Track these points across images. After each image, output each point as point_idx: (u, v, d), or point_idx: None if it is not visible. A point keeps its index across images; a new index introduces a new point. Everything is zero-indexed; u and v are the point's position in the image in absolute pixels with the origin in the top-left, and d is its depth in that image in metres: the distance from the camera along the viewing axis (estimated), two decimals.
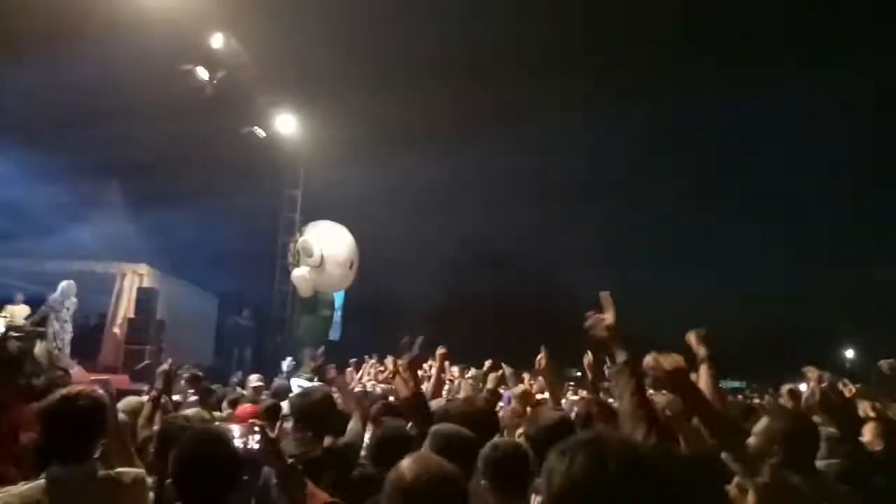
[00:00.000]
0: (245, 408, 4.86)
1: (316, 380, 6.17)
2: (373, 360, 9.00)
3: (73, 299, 11.10)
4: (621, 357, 2.08)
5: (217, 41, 10.43)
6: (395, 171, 16.49)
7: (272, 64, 12.05)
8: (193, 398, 5.12)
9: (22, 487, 2.11)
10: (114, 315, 13.13)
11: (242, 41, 11.03)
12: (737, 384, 24.93)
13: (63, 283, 11.05)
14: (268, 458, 2.21)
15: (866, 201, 31.81)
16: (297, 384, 6.64)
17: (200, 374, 6.08)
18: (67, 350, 11.08)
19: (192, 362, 11.27)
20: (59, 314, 10.86)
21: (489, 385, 4.58)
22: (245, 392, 6.56)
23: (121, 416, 3.23)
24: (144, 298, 12.59)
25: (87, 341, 13.68)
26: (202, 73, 10.61)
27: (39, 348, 9.09)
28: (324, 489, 2.34)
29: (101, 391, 2.40)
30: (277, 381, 6.93)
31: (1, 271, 12.67)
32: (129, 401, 4.02)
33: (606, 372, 2.21)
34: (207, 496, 1.99)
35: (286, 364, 11.47)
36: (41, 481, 2.12)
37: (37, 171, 13.23)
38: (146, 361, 11.07)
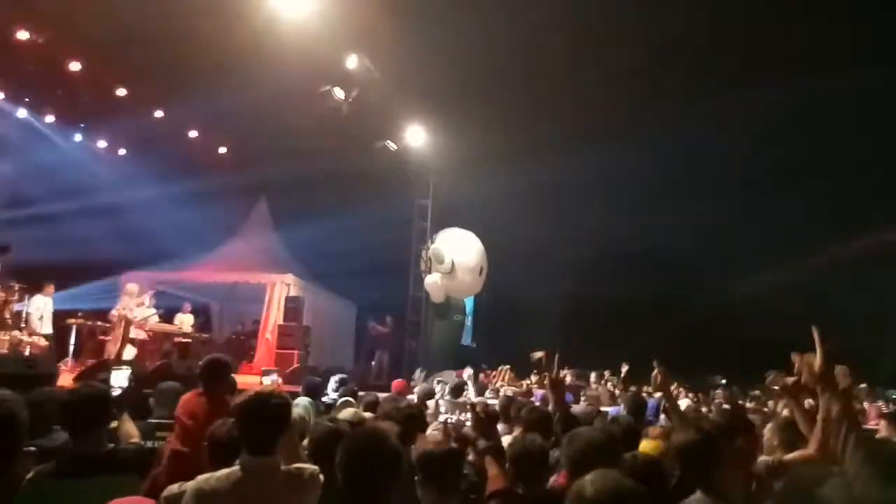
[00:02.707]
0: None
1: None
2: (507, 367, 9.06)
3: (139, 299, 11.22)
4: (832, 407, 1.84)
5: (352, 62, 10.96)
6: (523, 176, 16.45)
7: (401, 79, 12.47)
8: (343, 400, 5.43)
9: (219, 472, 2.34)
10: (265, 322, 14.16)
11: (373, 59, 11.52)
12: None
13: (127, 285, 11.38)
14: (479, 430, 2.34)
15: None
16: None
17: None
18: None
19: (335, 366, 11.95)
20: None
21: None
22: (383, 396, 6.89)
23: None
24: (292, 306, 13.43)
25: (244, 346, 14.95)
26: (338, 94, 11.16)
27: None
28: None
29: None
30: (423, 386, 7.24)
31: (171, 284, 14.12)
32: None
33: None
34: (372, 490, 2.10)
35: (417, 374, 11.80)
36: (235, 468, 2.35)
37: (197, 193, 14.69)
38: (296, 365, 11.85)
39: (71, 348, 10.63)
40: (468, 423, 4.28)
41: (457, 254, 13.54)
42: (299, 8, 9.38)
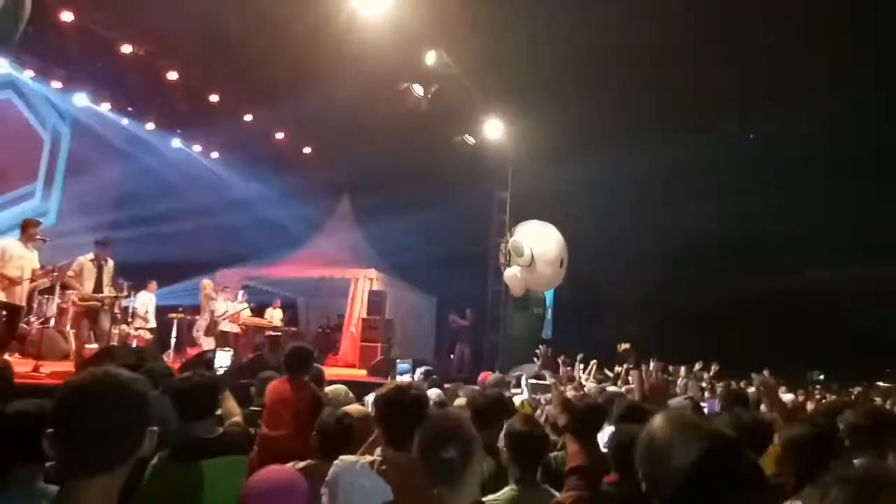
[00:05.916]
0: None
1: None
2: (594, 361, 8.97)
3: (225, 294, 12.11)
4: None
5: (430, 58, 11.06)
6: (602, 166, 16.11)
7: (479, 73, 12.48)
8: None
9: (364, 458, 2.45)
10: (350, 315, 14.57)
11: (451, 55, 11.57)
12: None
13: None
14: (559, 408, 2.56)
15: None
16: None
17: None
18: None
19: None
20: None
21: None
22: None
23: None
24: (375, 300, 13.71)
25: (329, 339, 15.43)
26: (418, 90, 11.31)
27: None
28: None
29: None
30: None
31: (261, 280, 14.74)
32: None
33: None
34: (446, 469, 2.14)
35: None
36: (377, 458, 2.44)
37: (284, 192, 15.27)
38: (379, 357, 12.12)
39: (172, 341, 11.29)
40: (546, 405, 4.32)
41: (536, 246, 13.41)
42: (378, 8, 9.54)
